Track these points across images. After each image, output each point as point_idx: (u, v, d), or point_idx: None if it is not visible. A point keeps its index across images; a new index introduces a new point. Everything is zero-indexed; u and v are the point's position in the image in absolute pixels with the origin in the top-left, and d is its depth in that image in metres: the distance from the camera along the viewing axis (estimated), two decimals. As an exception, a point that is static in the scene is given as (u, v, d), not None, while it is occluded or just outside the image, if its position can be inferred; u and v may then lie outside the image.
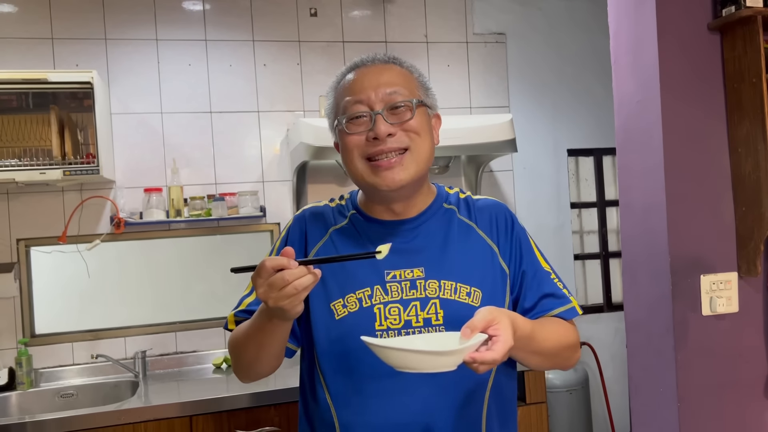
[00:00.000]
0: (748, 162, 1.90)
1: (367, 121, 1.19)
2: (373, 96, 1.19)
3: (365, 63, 1.25)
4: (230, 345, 1.28)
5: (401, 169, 1.19)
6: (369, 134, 1.18)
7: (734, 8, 1.87)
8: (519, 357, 1.18)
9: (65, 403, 2.65)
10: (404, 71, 1.25)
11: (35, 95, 2.56)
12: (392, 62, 1.25)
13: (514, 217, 1.34)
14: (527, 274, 1.29)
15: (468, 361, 0.98)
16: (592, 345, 3.44)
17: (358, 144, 1.20)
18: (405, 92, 1.21)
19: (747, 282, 1.97)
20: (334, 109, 1.26)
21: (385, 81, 1.20)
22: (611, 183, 3.61)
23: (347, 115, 1.20)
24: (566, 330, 1.28)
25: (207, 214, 2.88)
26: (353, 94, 1.21)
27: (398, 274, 1.22)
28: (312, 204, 1.37)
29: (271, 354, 1.22)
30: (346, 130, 1.20)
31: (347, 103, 1.21)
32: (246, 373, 1.29)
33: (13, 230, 2.78)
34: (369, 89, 1.20)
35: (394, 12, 3.27)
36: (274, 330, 1.14)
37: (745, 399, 1.97)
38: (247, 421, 2.36)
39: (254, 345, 1.19)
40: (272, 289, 1.02)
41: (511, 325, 1.03)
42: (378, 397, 1.18)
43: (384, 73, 1.22)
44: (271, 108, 3.10)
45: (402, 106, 1.19)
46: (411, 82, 1.24)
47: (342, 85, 1.25)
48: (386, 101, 1.19)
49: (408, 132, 1.20)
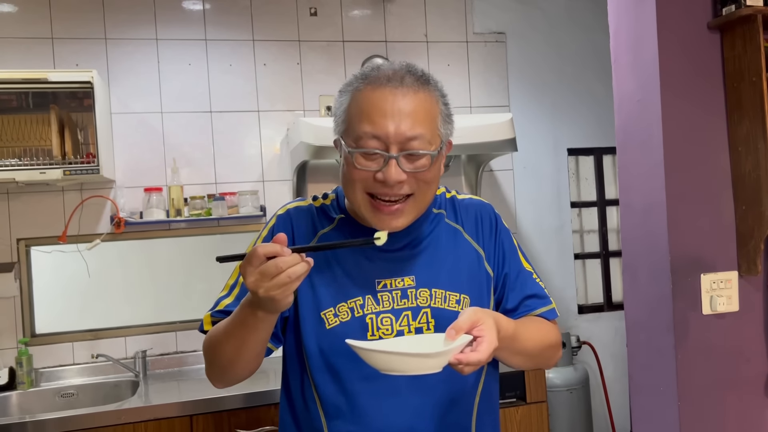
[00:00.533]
0: (748, 161, 1.90)
1: (379, 159, 1.10)
2: (393, 134, 1.08)
3: (392, 82, 1.10)
4: (206, 345, 1.20)
5: (402, 217, 1.14)
6: (378, 174, 1.10)
7: (734, 7, 1.87)
8: (501, 357, 1.17)
9: (65, 403, 2.65)
10: (432, 103, 1.13)
11: (35, 95, 2.56)
12: (422, 87, 1.12)
13: (498, 218, 1.32)
14: (510, 276, 1.28)
15: (453, 362, 0.97)
16: (593, 344, 3.44)
17: (365, 179, 1.11)
18: (427, 138, 1.10)
19: (747, 281, 1.97)
20: (345, 122, 1.14)
21: (408, 119, 1.09)
22: (611, 182, 3.61)
23: (360, 147, 1.10)
24: (548, 330, 1.28)
25: (207, 213, 2.88)
26: (371, 124, 1.09)
27: (389, 283, 1.20)
28: (295, 202, 1.30)
29: (253, 352, 1.14)
30: (354, 163, 1.11)
31: (362, 133, 1.10)
32: (221, 375, 1.20)
33: (13, 230, 2.78)
34: (389, 126, 1.08)
35: (394, 11, 3.27)
36: (259, 325, 1.06)
37: (745, 398, 1.97)
38: (248, 420, 2.36)
39: (235, 342, 1.11)
40: (264, 278, 0.96)
41: (495, 326, 1.03)
42: (371, 407, 1.17)
43: (409, 105, 1.09)
44: (271, 107, 3.10)
45: (420, 155, 1.11)
46: (435, 119, 1.13)
47: (360, 99, 1.12)
48: (404, 145, 1.09)
49: (418, 181, 1.12)
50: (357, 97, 1.13)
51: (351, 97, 1.14)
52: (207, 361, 1.21)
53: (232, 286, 1.24)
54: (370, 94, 1.11)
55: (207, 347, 1.20)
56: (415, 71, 1.13)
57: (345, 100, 1.15)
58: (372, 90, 1.11)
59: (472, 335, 1.01)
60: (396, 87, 1.10)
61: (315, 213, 1.26)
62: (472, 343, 1.00)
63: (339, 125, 1.17)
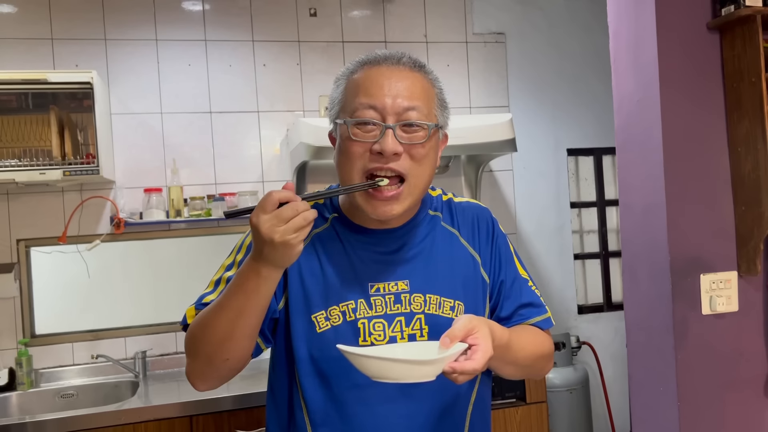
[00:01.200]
0: (748, 161, 1.90)
1: (376, 132, 1.09)
2: (390, 105, 1.09)
3: (388, 61, 1.13)
4: (190, 335, 1.12)
5: (396, 203, 1.11)
6: (374, 146, 1.08)
7: (733, 7, 1.87)
8: (494, 366, 1.15)
9: (65, 404, 2.65)
10: (427, 84, 1.15)
11: (35, 95, 2.56)
12: (418, 70, 1.14)
13: (495, 223, 1.30)
14: (505, 283, 1.26)
15: (447, 371, 0.96)
16: (593, 344, 3.44)
17: (361, 155, 1.10)
18: (424, 111, 1.11)
19: (747, 281, 1.97)
20: (341, 102, 1.15)
21: (405, 92, 1.10)
22: (611, 182, 3.61)
23: (356, 117, 1.10)
24: (542, 340, 1.25)
25: (207, 214, 2.88)
26: (367, 97, 1.10)
27: (382, 287, 1.17)
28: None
29: (248, 328, 1.06)
30: (351, 135, 1.10)
31: (359, 104, 1.10)
32: (208, 364, 1.11)
33: (13, 230, 2.78)
34: (386, 96, 1.09)
35: (393, 12, 3.27)
36: (261, 288, 1.01)
37: (745, 398, 1.97)
38: (248, 420, 2.36)
39: (229, 315, 1.04)
40: (280, 222, 0.95)
41: (490, 334, 1.01)
42: (361, 415, 1.14)
43: (406, 81, 1.11)
44: (270, 108, 3.10)
45: (416, 126, 1.10)
46: (431, 99, 1.14)
47: (357, 78, 1.13)
48: (401, 116, 1.09)
49: (413, 157, 1.11)
50: (353, 78, 1.15)
51: (347, 80, 1.16)
52: (191, 354, 1.13)
53: (217, 283, 1.20)
54: (367, 71, 1.13)
55: (191, 337, 1.12)
56: (411, 57, 1.16)
57: (341, 84, 1.17)
58: (369, 68, 1.13)
59: (466, 343, 0.99)
60: (393, 65, 1.13)
61: None
62: (466, 351, 0.99)
63: (334, 108, 1.17)
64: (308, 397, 1.16)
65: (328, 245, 1.20)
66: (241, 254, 1.23)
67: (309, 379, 1.16)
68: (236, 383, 2.58)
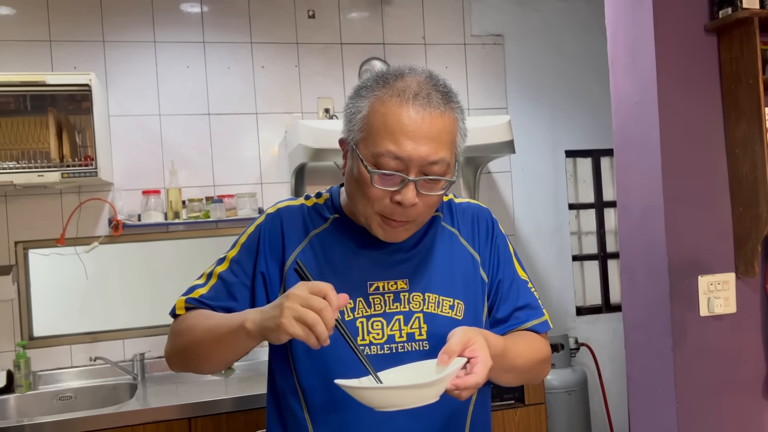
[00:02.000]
0: (746, 163, 1.91)
1: (397, 180, 1.07)
2: (415, 159, 1.06)
3: (419, 100, 1.07)
4: (181, 332, 1.18)
5: (404, 231, 1.14)
6: (395, 197, 1.08)
7: (731, 10, 1.88)
8: (491, 376, 1.12)
9: (63, 406, 2.65)
10: (455, 121, 1.12)
11: (33, 97, 2.56)
12: (446, 107, 1.10)
13: (495, 223, 1.30)
14: (503, 283, 1.25)
15: (450, 389, 0.95)
16: (591, 346, 3.44)
17: (380, 198, 1.09)
18: (446, 162, 1.09)
19: (745, 282, 1.98)
20: (363, 132, 1.09)
21: (432, 144, 1.07)
22: (609, 184, 3.62)
23: (380, 167, 1.07)
24: (539, 345, 1.24)
25: (205, 216, 2.87)
26: (395, 146, 1.05)
27: (381, 286, 1.17)
28: (286, 201, 1.28)
29: (230, 360, 1.16)
30: (372, 182, 1.08)
31: (384, 152, 1.06)
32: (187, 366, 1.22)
33: (11, 233, 2.78)
34: (412, 147, 1.05)
35: (391, 14, 3.27)
36: (253, 343, 1.07)
37: (743, 399, 1.98)
38: (246, 423, 2.36)
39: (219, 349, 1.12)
40: (304, 301, 0.96)
41: (486, 344, 1.01)
42: (359, 416, 1.13)
43: (434, 128, 1.07)
44: (269, 110, 3.10)
45: (437, 181, 1.10)
46: (455, 140, 1.12)
47: (384, 111, 1.07)
48: (424, 169, 1.07)
49: (427, 204, 1.11)
50: (379, 108, 1.08)
51: (372, 106, 1.09)
52: (176, 347, 1.20)
53: (209, 276, 1.24)
54: (396, 109, 1.06)
55: (182, 336, 1.18)
56: (438, 86, 1.11)
57: (364, 107, 1.10)
58: (398, 105, 1.06)
59: (464, 356, 0.98)
60: (423, 107, 1.07)
61: (307, 212, 1.24)
62: (465, 365, 0.98)
63: (354, 132, 1.11)
64: (308, 396, 1.17)
65: (328, 245, 1.20)
66: (234, 251, 1.25)
67: (308, 379, 1.17)
68: (234, 385, 2.58)
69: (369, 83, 1.12)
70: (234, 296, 1.21)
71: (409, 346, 1.16)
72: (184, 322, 1.19)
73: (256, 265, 1.22)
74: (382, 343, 1.15)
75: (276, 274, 1.20)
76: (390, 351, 1.15)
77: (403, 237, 1.15)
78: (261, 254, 1.22)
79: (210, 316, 1.17)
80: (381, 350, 1.14)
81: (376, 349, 1.14)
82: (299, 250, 1.20)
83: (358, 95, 1.12)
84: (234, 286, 1.22)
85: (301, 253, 1.20)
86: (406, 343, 1.16)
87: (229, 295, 1.21)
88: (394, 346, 1.15)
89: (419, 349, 1.16)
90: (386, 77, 1.10)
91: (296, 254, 1.19)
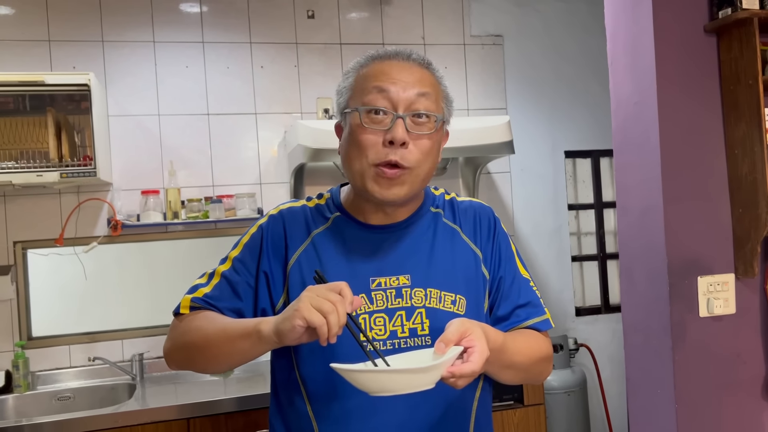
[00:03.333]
0: (745, 163, 1.91)
1: (386, 121, 1.12)
2: (402, 94, 1.12)
3: (399, 56, 1.17)
4: (188, 331, 1.19)
5: (403, 183, 1.14)
6: (386, 135, 1.11)
7: (730, 10, 1.88)
8: (490, 372, 1.14)
9: (62, 406, 2.65)
10: (435, 80, 1.19)
11: (32, 97, 2.56)
12: (426, 67, 1.18)
13: (498, 221, 1.31)
14: (505, 281, 1.26)
15: (446, 376, 0.95)
16: (590, 346, 3.44)
17: (374, 144, 1.12)
18: (432, 99, 1.15)
19: (744, 283, 1.98)
20: (350, 91, 1.17)
21: (416, 83, 1.14)
22: (608, 185, 3.62)
23: (368, 105, 1.12)
24: (539, 343, 1.24)
25: (204, 216, 2.87)
26: (380, 83, 1.13)
27: (383, 282, 1.18)
28: (288, 203, 1.30)
29: (237, 363, 1.17)
30: (362, 123, 1.13)
31: (372, 90, 1.13)
32: (187, 365, 1.24)
33: (9, 233, 2.77)
34: (398, 84, 1.12)
35: (391, 14, 3.27)
36: (264, 348, 1.08)
37: (742, 400, 1.97)
38: (245, 423, 2.36)
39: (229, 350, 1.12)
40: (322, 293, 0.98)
41: (484, 335, 1.01)
42: (362, 410, 1.14)
43: (416, 74, 1.15)
44: (268, 110, 3.10)
45: (425, 117, 1.14)
46: (439, 93, 1.19)
47: (367, 70, 1.16)
48: (411, 106, 1.13)
49: (420, 148, 1.14)
50: (363, 71, 1.17)
51: (357, 73, 1.18)
52: (180, 344, 1.21)
53: (211, 275, 1.26)
54: (378, 64, 1.16)
55: (189, 335, 1.19)
56: (421, 56, 1.19)
57: (350, 76, 1.19)
58: (380, 62, 1.16)
59: (462, 346, 0.98)
60: (404, 59, 1.16)
61: (308, 213, 1.26)
62: (462, 355, 0.98)
63: (343, 97, 1.19)
64: (310, 392, 1.18)
65: (329, 243, 1.22)
66: (236, 251, 1.27)
67: (311, 376, 1.18)
68: (233, 386, 2.58)
69: (352, 64, 1.21)
70: (238, 295, 1.22)
71: (411, 341, 1.16)
72: (192, 321, 1.20)
73: (259, 265, 1.23)
74: (384, 339, 1.16)
75: (279, 275, 1.21)
76: (393, 346, 1.15)
77: (398, 193, 1.15)
78: (264, 254, 1.23)
79: (219, 318, 1.18)
80: (384, 346, 1.15)
81: (379, 345, 1.15)
82: (302, 250, 1.21)
83: (344, 77, 1.21)
84: (238, 284, 1.23)
85: (303, 253, 1.21)
86: (409, 339, 1.16)
87: (233, 294, 1.22)
88: (396, 342, 1.16)
89: (422, 344, 1.16)
90: (369, 53, 1.20)
91: (298, 254, 1.21)
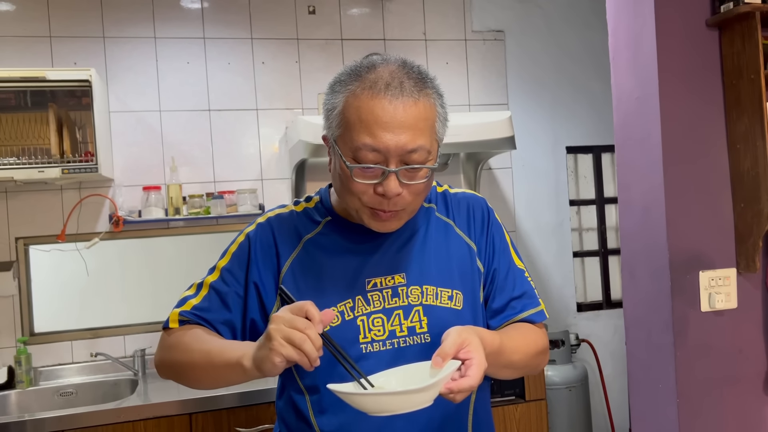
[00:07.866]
0: (747, 158, 1.90)
1: (378, 172, 1.07)
2: (393, 149, 1.05)
3: (390, 91, 1.05)
4: (175, 347, 1.17)
5: (395, 221, 1.13)
6: (377, 189, 1.07)
7: (732, 4, 1.87)
8: (488, 371, 1.11)
9: (65, 402, 2.65)
10: (431, 106, 1.09)
11: (33, 93, 2.56)
12: (420, 95, 1.07)
13: (491, 212, 1.29)
14: (499, 272, 1.24)
15: (444, 392, 0.94)
16: (592, 342, 3.44)
17: (363, 192, 1.08)
18: (426, 148, 1.07)
19: (746, 278, 1.98)
20: (340, 128, 1.09)
21: (408, 132, 1.05)
22: (610, 180, 3.61)
23: (358, 160, 1.06)
24: (535, 337, 1.23)
25: (206, 212, 2.87)
26: (371, 138, 1.04)
27: (379, 282, 1.17)
28: (276, 210, 1.27)
29: (223, 386, 1.17)
30: (353, 176, 1.07)
31: (361, 145, 1.05)
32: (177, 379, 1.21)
33: (11, 229, 2.78)
34: (389, 139, 1.04)
35: (392, 9, 3.27)
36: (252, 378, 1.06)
37: (744, 395, 1.97)
38: (247, 418, 2.36)
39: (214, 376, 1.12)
40: (287, 323, 0.95)
41: (481, 344, 0.99)
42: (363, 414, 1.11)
43: (409, 116, 1.05)
44: (269, 106, 3.10)
45: (418, 169, 1.08)
46: (434, 126, 1.10)
47: (357, 105, 1.06)
48: (404, 159, 1.06)
49: (413, 193, 1.10)
50: (353, 102, 1.07)
51: (345, 101, 1.08)
52: (168, 360, 1.19)
53: (199, 287, 1.23)
54: (369, 102, 1.05)
55: (176, 353, 1.17)
56: (412, 72, 1.09)
57: (339, 102, 1.09)
58: (370, 97, 1.05)
59: (459, 359, 0.97)
60: (396, 96, 1.05)
61: (297, 218, 1.23)
62: (460, 367, 0.97)
63: (333, 128, 1.11)
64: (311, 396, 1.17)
65: (322, 248, 1.20)
66: (224, 260, 1.25)
67: (310, 381, 1.17)
68: (235, 381, 2.58)
69: (342, 77, 1.11)
70: (228, 306, 1.20)
71: (410, 339, 1.15)
72: (180, 337, 1.18)
73: (248, 275, 1.20)
74: (383, 340, 1.14)
75: (271, 285, 1.19)
76: (392, 346, 1.14)
77: (395, 227, 1.14)
78: (253, 264, 1.21)
79: (206, 339, 1.15)
80: (383, 346, 1.14)
81: (379, 345, 1.14)
82: (294, 257, 1.19)
83: (333, 90, 1.12)
84: (227, 295, 1.20)
85: (296, 260, 1.19)
86: (408, 338, 1.15)
87: (222, 305, 1.20)
88: (396, 342, 1.15)
89: (421, 342, 1.15)
90: (358, 70, 1.09)
91: (291, 262, 1.19)
